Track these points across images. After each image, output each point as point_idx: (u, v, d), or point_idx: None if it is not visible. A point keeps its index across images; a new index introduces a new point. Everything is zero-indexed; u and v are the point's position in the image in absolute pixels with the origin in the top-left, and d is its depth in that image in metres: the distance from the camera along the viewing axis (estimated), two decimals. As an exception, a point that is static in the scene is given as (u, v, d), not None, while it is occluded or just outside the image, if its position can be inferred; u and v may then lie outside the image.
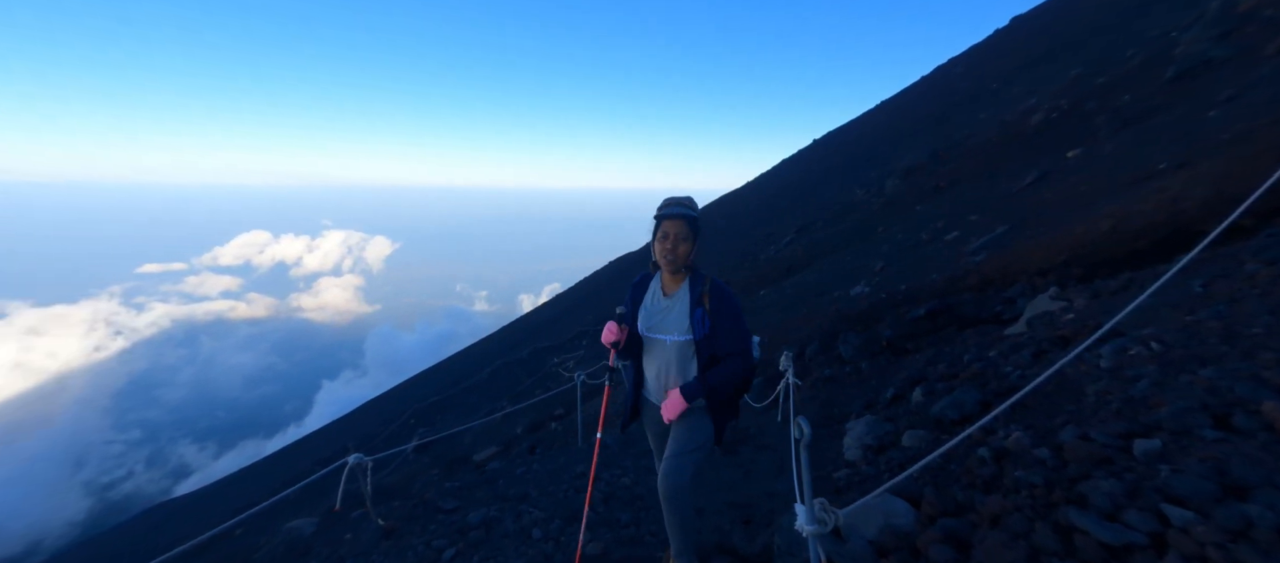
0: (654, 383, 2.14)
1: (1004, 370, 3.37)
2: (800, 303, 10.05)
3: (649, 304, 2.15)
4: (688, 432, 2.04)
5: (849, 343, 6.73)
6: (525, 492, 3.31)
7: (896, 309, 7.17)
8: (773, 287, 12.59)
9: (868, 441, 3.43)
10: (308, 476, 12.85)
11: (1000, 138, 12.09)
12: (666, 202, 2.07)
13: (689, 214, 2.02)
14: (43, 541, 40.58)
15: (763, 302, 12.35)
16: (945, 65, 37.16)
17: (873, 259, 9.93)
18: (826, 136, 45.71)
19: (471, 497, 3.20)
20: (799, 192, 28.43)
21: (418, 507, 3.01)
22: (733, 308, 2.04)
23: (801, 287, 11.26)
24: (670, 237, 2.00)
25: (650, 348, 2.14)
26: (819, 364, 6.67)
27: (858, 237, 12.53)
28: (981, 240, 7.60)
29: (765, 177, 45.29)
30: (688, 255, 2.04)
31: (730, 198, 43.59)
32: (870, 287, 8.43)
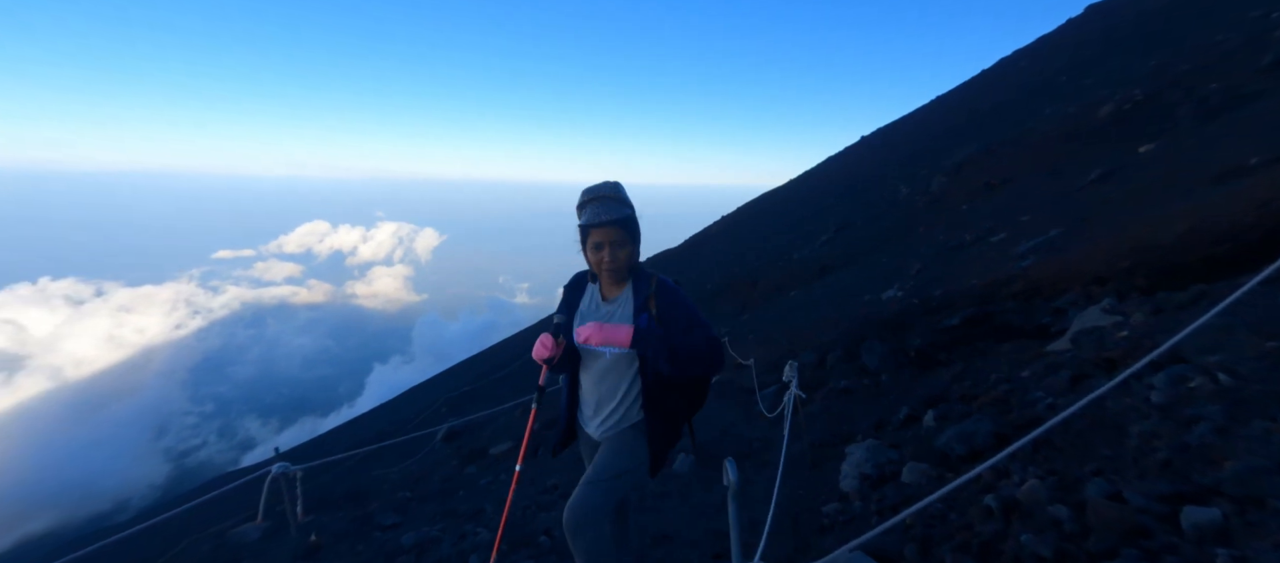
0: (590, 403, 1.86)
1: (1032, 396, 2.89)
2: (829, 305, 9.47)
3: (586, 310, 1.85)
4: (614, 454, 1.74)
5: (873, 351, 6.21)
6: (481, 507, 3.11)
7: (929, 316, 6.56)
8: (803, 288, 12.00)
9: (867, 469, 3.03)
10: (370, 442, 13.10)
11: (1062, 131, 10.98)
12: (587, 197, 1.73)
13: (622, 216, 1.70)
14: (129, 500, 44.48)
15: (792, 303, 11.77)
16: (1009, 58, 34.63)
17: (910, 261, 9.22)
18: (876, 133, 43.69)
19: (419, 511, 3.03)
20: (842, 188, 27.26)
21: (355, 522, 2.86)
22: (684, 303, 1.75)
23: (833, 288, 10.65)
24: (604, 246, 1.70)
25: (587, 362, 1.85)
26: (839, 373, 6.18)
27: (897, 237, 11.73)
28: (1031, 243, 6.84)
29: (809, 173, 43.81)
30: (630, 259, 1.75)
31: (772, 195, 42.43)
32: (903, 291, 7.80)
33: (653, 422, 1.75)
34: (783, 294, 12.63)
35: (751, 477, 4.24)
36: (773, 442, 4.98)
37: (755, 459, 4.76)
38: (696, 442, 2.00)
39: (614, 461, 1.72)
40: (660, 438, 1.77)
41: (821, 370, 6.82)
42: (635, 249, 1.76)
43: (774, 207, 35.45)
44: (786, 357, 7.97)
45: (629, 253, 1.73)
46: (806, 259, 14.64)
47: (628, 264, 1.74)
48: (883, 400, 4.74)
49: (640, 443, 1.76)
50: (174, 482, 48.42)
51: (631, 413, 1.78)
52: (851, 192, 24.23)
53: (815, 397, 5.65)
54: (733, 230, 34.79)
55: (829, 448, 4.06)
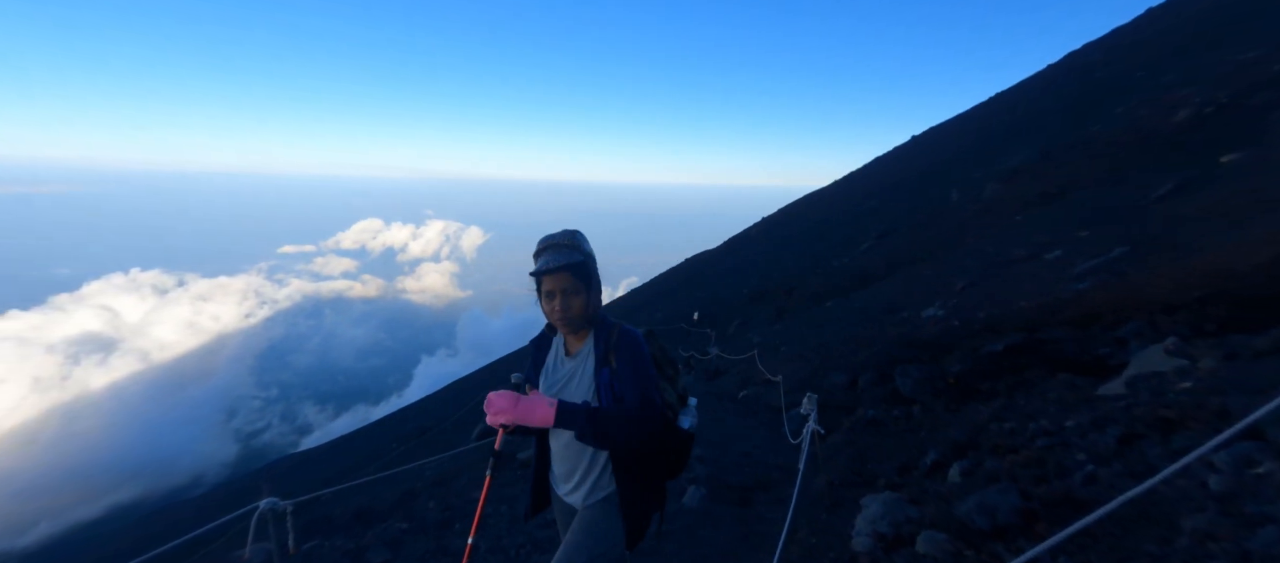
0: (559, 469, 1.76)
1: (1072, 460, 2.59)
2: (866, 321, 9.04)
3: (551, 367, 1.77)
4: (585, 534, 1.64)
5: (908, 376, 5.85)
6: (475, 543, 3.08)
7: (971, 340, 6.13)
8: (841, 298, 11.53)
9: (882, 528, 2.81)
10: (403, 443, 13.76)
11: (1132, 136, 10.01)
12: (540, 246, 1.66)
13: (571, 261, 1.61)
14: (204, 475, 48.19)
15: (827, 314, 11.34)
16: (1079, 51, 32.11)
17: (954, 276, 8.67)
18: (929, 132, 41.64)
19: (411, 547, 3.03)
20: (888, 192, 26.10)
21: (347, 556, 2.89)
22: (636, 359, 1.62)
23: (871, 302, 10.17)
24: (556, 295, 1.61)
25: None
26: (870, 398, 5.86)
27: (942, 247, 11.07)
28: (1091, 263, 6.26)
29: (855, 174, 42.27)
30: (585, 309, 1.65)
31: (814, 197, 41.22)
32: (945, 309, 7.34)
33: (626, 492, 1.64)
34: (819, 304, 12.18)
35: (765, 514, 4.06)
36: (794, 475, 4.77)
37: (773, 492, 4.56)
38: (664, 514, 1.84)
39: (587, 542, 1.62)
40: (636, 510, 1.65)
41: (852, 393, 6.50)
42: (591, 298, 1.66)
43: (815, 209, 34.39)
44: (817, 375, 7.66)
45: (583, 302, 1.64)
46: (846, 267, 14.09)
47: (583, 314, 1.65)
48: (914, 437, 4.44)
49: (614, 518, 1.65)
50: (242, 461, 51.97)
51: (603, 482, 1.67)
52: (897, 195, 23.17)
53: (842, 425, 5.37)
54: (772, 233, 33.99)
55: (850, 489, 3.83)
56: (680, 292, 29.09)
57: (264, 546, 2.73)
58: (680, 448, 1.76)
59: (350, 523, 4.56)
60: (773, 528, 3.77)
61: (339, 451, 24.50)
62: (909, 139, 43.11)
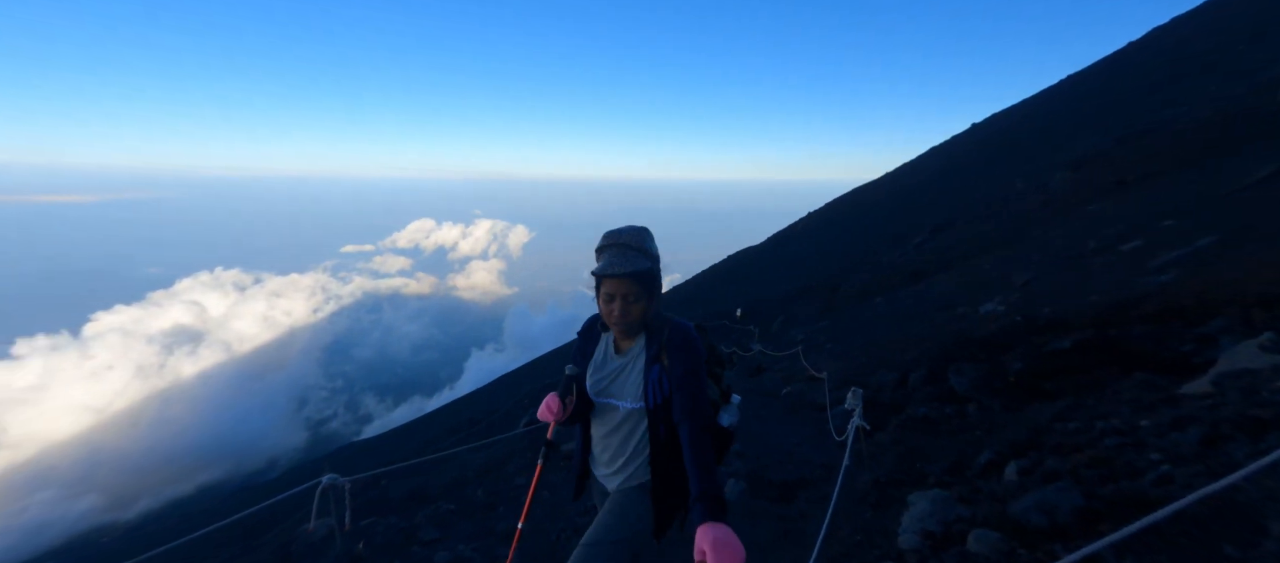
0: (600, 455, 1.80)
1: (1145, 459, 2.41)
2: (917, 318, 8.66)
3: (599, 361, 1.79)
4: (616, 517, 1.67)
5: (964, 374, 5.57)
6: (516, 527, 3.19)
7: (1034, 337, 5.75)
8: (889, 295, 11.08)
9: (930, 525, 2.71)
10: (453, 434, 14.43)
11: (1225, 116, 9.04)
12: (605, 242, 1.64)
13: (638, 269, 1.58)
14: (278, 460, 52.05)
15: (876, 311, 10.92)
16: (1167, 26, 29.24)
17: (1016, 270, 8.15)
18: (990, 120, 39.21)
19: (459, 528, 3.16)
20: (944, 184, 24.79)
21: (400, 534, 3.06)
22: (689, 360, 1.60)
23: (923, 298, 9.72)
24: (616, 299, 1.61)
25: (599, 413, 1.79)
26: (920, 397, 5.61)
27: (1003, 241, 10.42)
28: (1174, 254, 5.73)
29: (908, 166, 40.40)
30: (643, 316, 1.64)
31: (864, 191, 39.72)
32: (1005, 305, 6.92)
33: (658, 483, 1.66)
34: (867, 300, 11.75)
35: (807, 511, 3.99)
36: (835, 473, 4.64)
37: (816, 490, 4.46)
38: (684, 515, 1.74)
39: (615, 525, 1.65)
40: (666, 500, 1.67)
41: (902, 391, 6.24)
42: (651, 305, 1.65)
43: (865, 203, 33.12)
44: (864, 372, 7.41)
45: (642, 309, 1.62)
46: (897, 263, 13.51)
47: (641, 320, 1.64)
48: (966, 436, 4.23)
49: (645, 506, 1.67)
50: (311, 447, 55.68)
51: (639, 471, 1.70)
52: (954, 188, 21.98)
53: (890, 424, 5.17)
54: (820, 228, 33.01)
55: (897, 487, 3.70)
56: (723, 288, 28.79)
57: (326, 520, 2.95)
58: (719, 445, 1.76)
59: (404, 504, 4.82)
60: (814, 525, 3.70)
61: (397, 439, 25.84)
62: (969, 127, 40.73)
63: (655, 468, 1.66)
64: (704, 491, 1.39)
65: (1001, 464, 3.15)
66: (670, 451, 1.64)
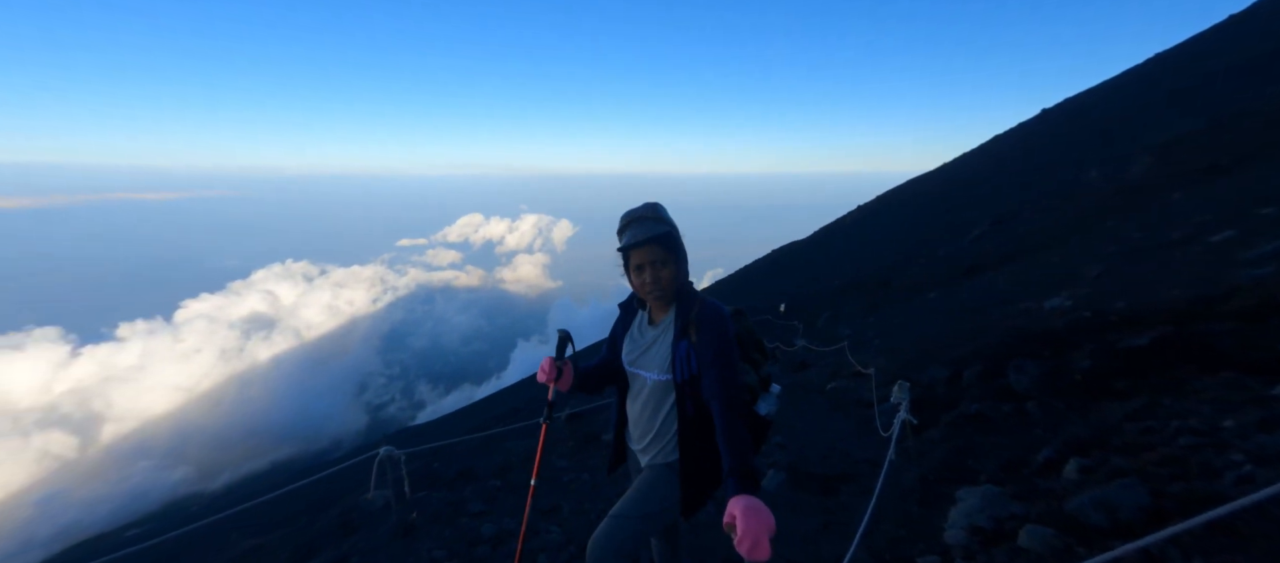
0: (633, 429, 1.85)
1: (1226, 460, 2.23)
2: (973, 313, 8.23)
3: (635, 334, 1.84)
4: (644, 492, 1.70)
5: (1024, 371, 5.27)
6: (558, 504, 3.30)
7: (1106, 333, 5.36)
8: (944, 290, 10.57)
9: (980, 520, 2.62)
10: (507, 417, 15.01)
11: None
12: (625, 221, 1.70)
13: (659, 233, 1.64)
14: (342, 442, 55.53)
15: (928, 306, 10.44)
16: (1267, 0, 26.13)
17: (1087, 263, 7.59)
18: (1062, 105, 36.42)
19: (504, 502, 3.30)
20: (1007, 173, 23.27)
21: (450, 505, 3.22)
22: (718, 336, 1.61)
23: (980, 293, 9.21)
24: (645, 267, 1.66)
25: (631, 384, 1.84)
26: (973, 395, 5.35)
27: (1073, 232, 9.69)
28: (1273, 245, 5.18)
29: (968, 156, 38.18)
30: (675, 279, 1.68)
31: (917, 183, 37.90)
32: (1074, 300, 6.47)
33: (687, 462, 1.67)
34: (919, 296, 11.25)
35: (850, 503, 3.91)
36: (882, 467, 4.52)
37: (859, 485, 4.36)
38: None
39: (643, 500, 1.69)
40: (695, 480, 1.67)
41: (954, 388, 5.97)
42: (679, 268, 1.68)
43: (919, 195, 31.57)
44: (913, 368, 7.13)
45: (671, 272, 1.66)
46: (952, 256, 12.85)
47: (672, 285, 1.68)
48: (1025, 435, 4.01)
49: (672, 483, 1.69)
50: (370, 430, 59.02)
51: (668, 449, 1.72)
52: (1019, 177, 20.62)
53: (940, 420, 4.97)
54: (869, 222, 31.80)
55: (945, 484, 3.57)
56: (766, 283, 28.28)
57: (384, 492, 3.16)
58: (755, 433, 1.75)
59: (453, 481, 5.08)
60: (857, 518, 3.63)
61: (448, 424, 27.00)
62: (1038, 113, 37.97)
63: (683, 446, 1.67)
64: (735, 465, 1.41)
65: (1062, 462, 2.99)
66: (699, 429, 1.66)
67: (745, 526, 1.23)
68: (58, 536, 36.84)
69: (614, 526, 1.65)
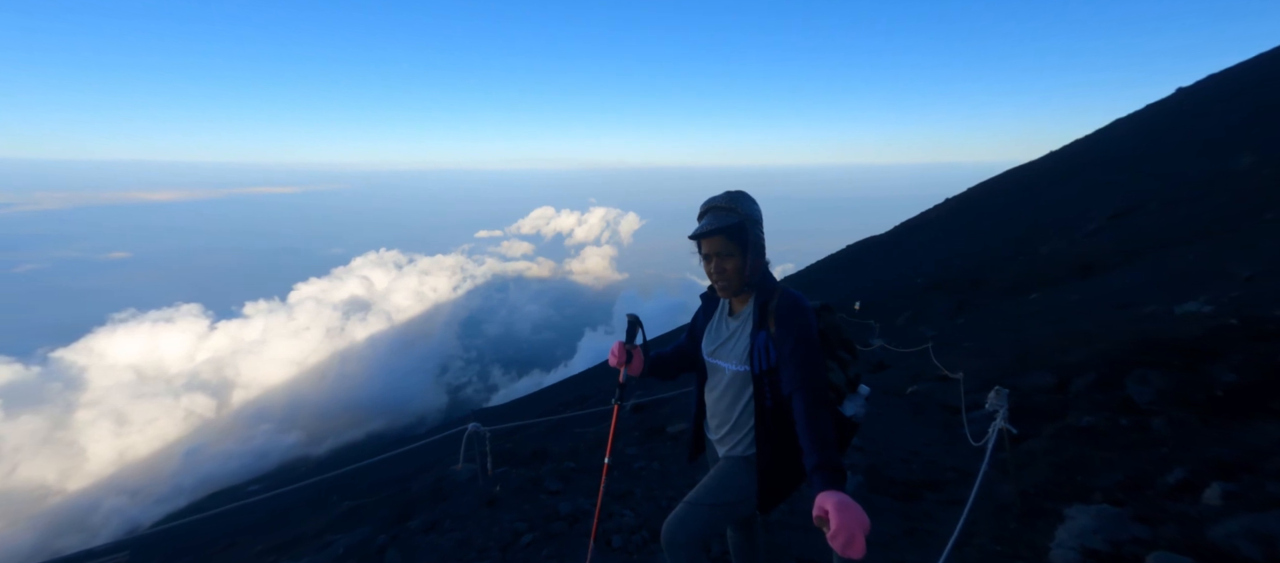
0: (711, 418, 1.84)
1: None
2: (1085, 316, 7.38)
3: (715, 325, 1.83)
4: (720, 481, 1.70)
5: (1148, 383, 4.70)
6: (630, 489, 3.35)
7: (1258, 344, 4.63)
8: (1048, 290, 9.54)
9: (1094, 542, 2.37)
10: (574, 404, 15.63)
11: None
12: (702, 209, 1.70)
13: (726, 225, 1.62)
14: (425, 418, 60.04)
15: (1030, 308, 9.48)
16: None
17: (1236, 262, 6.53)
18: (1203, 83, 31.49)
19: (578, 483, 3.40)
20: (1130, 161, 20.51)
21: (529, 482, 3.37)
22: (801, 330, 1.56)
23: (1095, 295, 8.23)
24: (712, 259, 1.66)
25: (710, 375, 1.84)
26: (1084, 405, 4.81)
27: (1216, 228, 8.36)
28: None
29: (1080, 144, 34.11)
30: (742, 271, 1.66)
31: (1018, 173, 34.40)
32: (1215, 305, 5.62)
33: (764, 457, 1.64)
34: (1018, 297, 10.24)
35: (934, 513, 3.66)
36: (972, 477, 4.18)
37: (945, 493, 4.07)
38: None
39: (718, 489, 1.68)
40: (773, 474, 1.64)
41: (1060, 397, 5.40)
42: (747, 260, 1.65)
43: (1020, 187, 28.62)
44: (1011, 375, 6.52)
45: (736, 265, 1.64)
46: (1060, 254, 11.56)
47: (738, 277, 1.65)
48: (1148, 451, 3.56)
49: (749, 477, 1.67)
50: (450, 410, 63.26)
51: (746, 441, 1.70)
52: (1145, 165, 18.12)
53: (1043, 431, 4.52)
54: (958, 215, 29.33)
55: (1050, 499, 3.25)
56: (839, 280, 26.99)
57: (470, 466, 3.38)
58: (840, 434, 1.69)
59: (529, 460, 5.34)
60: (943, 528, 3.39)
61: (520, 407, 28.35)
62: (1173, 92, 33.08)
63: (761, 439, 1.64)
64: (822, 461, 1.36)
65: (1199, 485, 2.62)
66: (777, 423, 1.62)
67: (840, 521, 1.18)
68: (199, 485, 42.96)
69: (688, 511, 1.66)
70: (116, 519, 38.55)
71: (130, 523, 37.36)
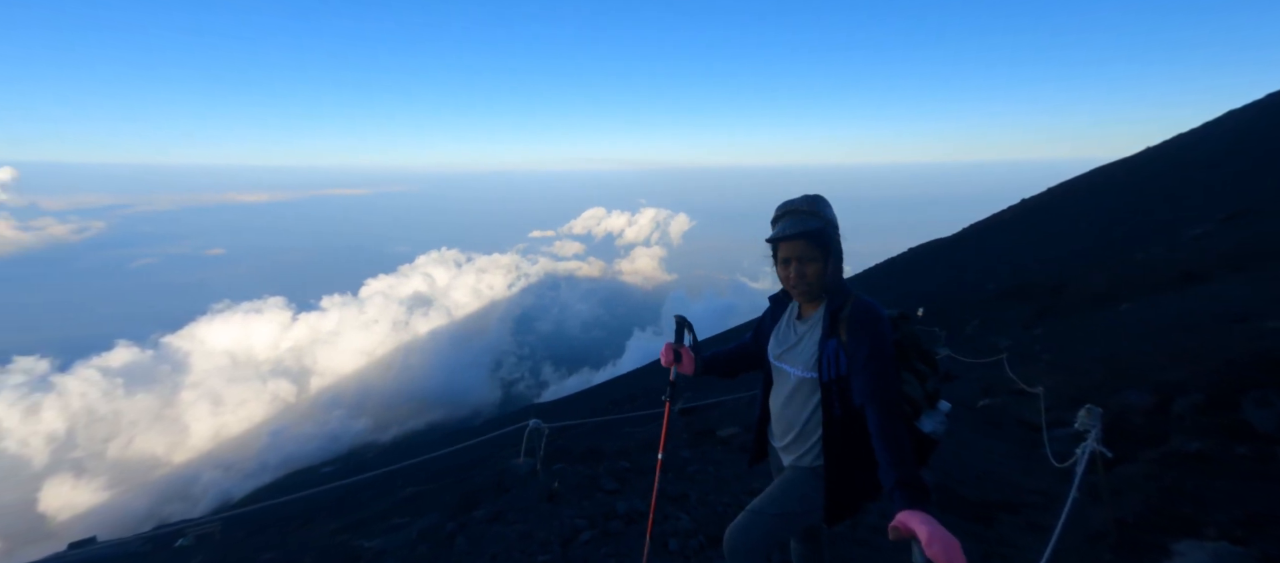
0: (776, 425, 1.80)
1: None
2: (1190, 330, 6.65)
3: (782, 329, 1.79)
4: (785, 491, 1.65)
5: (1271, 405, 4.20)
6: (685, 492, 3.34)
7: None
8: (1144, 300, 8.67)
9: (1206, 582, 2.13)
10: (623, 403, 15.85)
11: None
12: (779, 212, 1.66)
13: (809, 228, 1.58)
14: (480, 411, 62.50)
15: (1120, 319, 8.64)
16: None
17: (1384, 273, 5.67)
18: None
19: (634, 483, 3.42)
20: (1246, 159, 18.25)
21: (585, 479, 3.42)
22: (875, 340, 1.50)
23: (1201, 306, 7.40)
24: (792, 262, 1.61)
25: (775, 379, 1.80)
26: (1191, 429, 4.33)
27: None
28: None
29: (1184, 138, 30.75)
30: (821, 277, 1.61)
31: (1106, 172, 31.46)
32: (1358, 322, 4.91)
33: (833, 469, 1.59)
34: (1107, 306, 9.36)
35: (1012, 537, 3.42)
36: (1056, 502, 3.87)
37: (1024, 517, 3.80)
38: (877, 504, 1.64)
39: (784, 498, 1.65)
40: (841, 487, 1.59)
41: (1159, 419, 4.90)
42: (828, 266, 1.61)
43: (1109, 187, 26.12)
44: (1100, 391, 5.98)
45: (819, 270, 1.60)
46: (1158, 260, 10.46)
47: (819, 282, 1.61)
48: (1272, 484, 3.16)
49: (815, 487, 1.62)
50: (503, 404, 65.51)
51: (813, 452, 1.65)
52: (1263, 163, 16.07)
53: (1139, 455, 4.10)
54: (1035, 217, 27.16)
55: (1152, 531, 2.96)
56: (899, 284, 25.67)
57: (530, 460, 3.50)
58: (918, 451, 1.60)
59: (584, 457, 5.44)
60: (1025, 555, 3.17)
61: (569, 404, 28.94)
62: (1297, 76, 29.13)
63: (829, 450, 1.60)
64: (902, 477, 1.30)
65: (1339, 529, 2.30)
66: (847, 433, 1.57)
67: (931, 535, 1.14)
68: (281, 464, 46.82)
69: (750, 520, 1.64)
70: (213, 491, 42.69)
71: (224, 495, 41.26)
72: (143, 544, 11.76)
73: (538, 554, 2.68)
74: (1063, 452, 4.02)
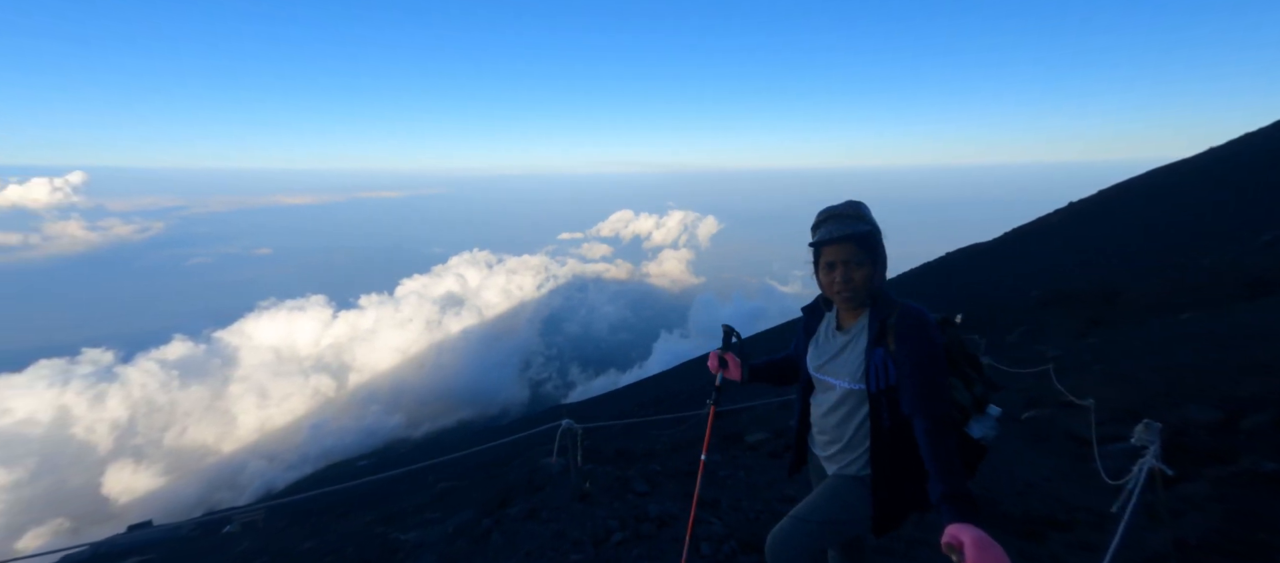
0: (819, 435, 1.76)
1: None
2: (1259, 342, 6.22)
3: (821, 339, 1.75)
4: (830, 498, 1.62)
5: (1355, 429, 3.85)
6: (717, 498, 3.31)
7: None
8: (1208, 310, 8.14)
9: (1282, 614, 1.98)
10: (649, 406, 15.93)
11: None
12: (822, 216, 1.62)
13: (857, 231, 1.54)
14: (509, 410, 63.57)
15: (1181, 330, 8.12)
16: None
17: None
18: None
19: (665, 487, 3.41)
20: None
21: (616, 481, 3.43)
22: (926, 351, 1.46)
23: (1273, 317, 6.91)
24: (838, 266, 1.56)
25: (816, 390, 1.76)
26: (1262, 448, 4.05)
27: None
28: None
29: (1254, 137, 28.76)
30: (868, 282, 1.57)
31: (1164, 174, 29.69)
32: None
33: (881, 478, 1.56)
34: (1166, 316, 8.83)
35: (1062, 556, 3.27)
36: (1108, 520, 3.67)
37: (1074, 535, 3.62)
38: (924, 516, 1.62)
39: (828, 506, 1.62)
40: (888, 499, 1.56)
41: (1225, 436, 4.59)
42: (875, 271, 1.58)
43: (1166, 190, 24.66)
44: (1157, 406, 5.65)
45: (866, 274, 1.56)
46: (1222, 268, 9.80)
47: (867, 287, 1.57)
48: (1357, 514, 2.91)
49: (861, 497, 1.59)
50: (531, 403, 66.40)
51: (859, 462, 1.62)
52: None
53: (1203, 474, 3.86)
54: (1085, 221, 25.86)
55: (1218, 556, 2.78)
56: (935, 291, 24.81)
57: (563, 459, 3.54)
58: (968, 458, 1.57)
59: (613, 458, 5.47)
60: (1070, 574, 3.00)
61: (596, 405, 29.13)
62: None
63: (876, 460, 1.56)
64: (951, 489, 1.28)
65: None
66: (895, 444, 1.54)
67: (979, 547, 1.12)
68: (321, 456, 48.72)
69: (793, 526, 1.62)
70: (258, 480, 44.77)
71: (268, 484, 43.18)
72: (194, 530, 12.44)
73: (571, 553, 2.72)
74: (1116, 468, 3.81)
